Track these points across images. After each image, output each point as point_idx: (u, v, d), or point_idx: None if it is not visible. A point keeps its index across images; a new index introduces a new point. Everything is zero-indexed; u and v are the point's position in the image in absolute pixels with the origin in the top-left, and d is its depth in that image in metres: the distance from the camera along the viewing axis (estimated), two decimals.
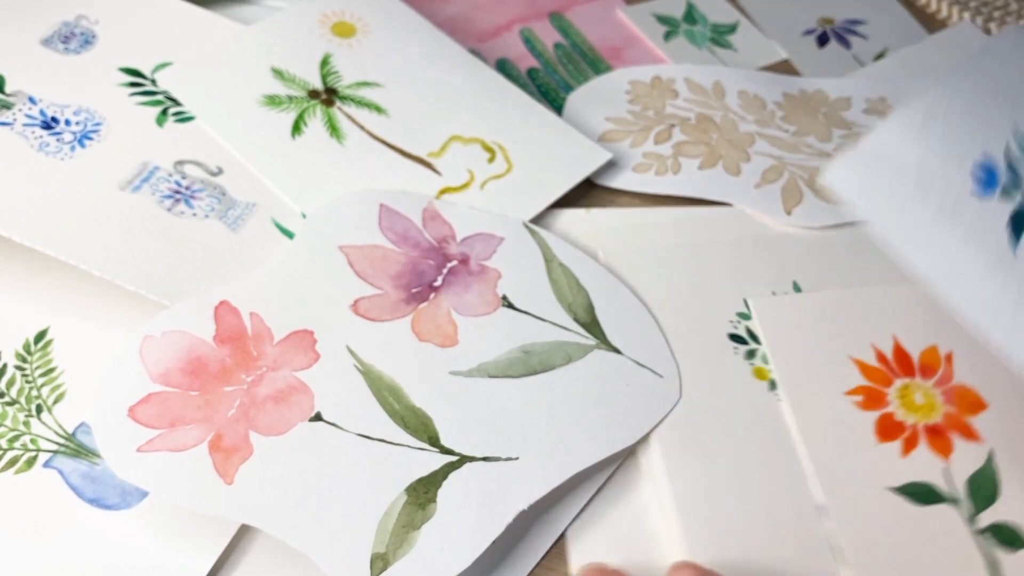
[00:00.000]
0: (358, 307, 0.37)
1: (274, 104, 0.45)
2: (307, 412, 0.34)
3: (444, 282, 0.39)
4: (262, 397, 0.34)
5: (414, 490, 0.33)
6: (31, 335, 0.37)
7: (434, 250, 0.40)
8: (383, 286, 0.38)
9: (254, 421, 0.33)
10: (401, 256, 0.39)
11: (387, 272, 0.39)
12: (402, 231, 0.40)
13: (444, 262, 0.40)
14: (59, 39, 0.46)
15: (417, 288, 0.39)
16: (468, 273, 0.40)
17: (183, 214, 0.40)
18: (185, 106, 0.44)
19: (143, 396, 0.33)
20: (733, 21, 0.59)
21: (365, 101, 0.46)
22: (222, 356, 0.35)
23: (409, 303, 0.38)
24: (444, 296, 0.39)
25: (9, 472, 0.33)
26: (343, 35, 0.49)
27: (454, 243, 0.41)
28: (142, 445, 0.32)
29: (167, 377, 0.34)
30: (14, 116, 0.42)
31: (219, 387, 0.34)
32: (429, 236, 0.41)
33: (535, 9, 0.58)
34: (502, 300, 0.39)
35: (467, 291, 0.39)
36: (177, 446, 0.32)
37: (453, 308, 0.38)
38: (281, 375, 0.35)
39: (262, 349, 0.35)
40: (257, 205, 0.41)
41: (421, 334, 0.37)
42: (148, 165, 0.41)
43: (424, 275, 0.39)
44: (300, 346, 0.36)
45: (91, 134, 0.42)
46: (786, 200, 0.47)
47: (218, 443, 0.32)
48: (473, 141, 0.46)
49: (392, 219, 0.41)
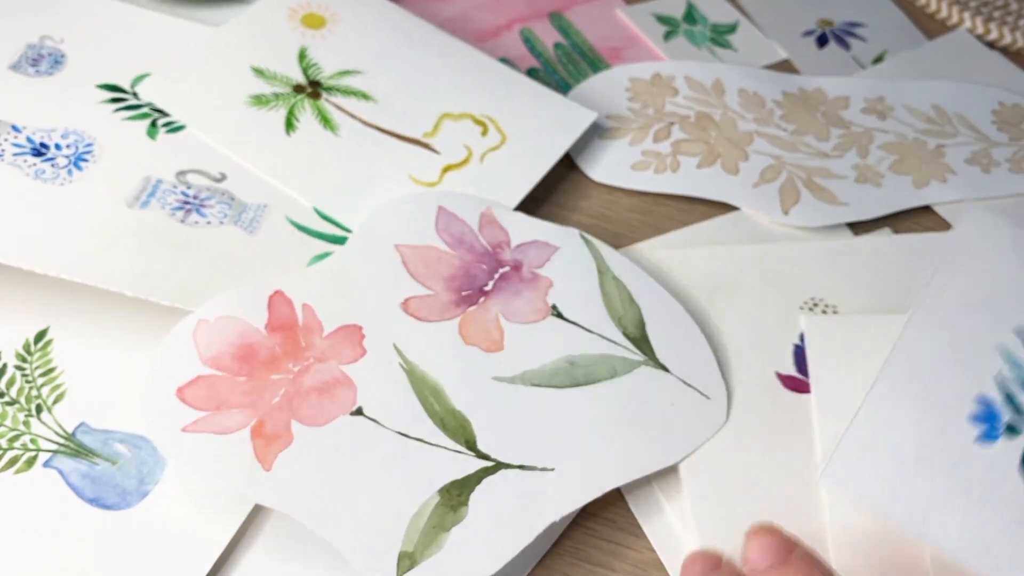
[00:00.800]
0: (408, 306, 0.38)
1: (262, 103, 0.45)
2: (349, 406, 0.34)
3: (495, 287, 0.39)
4: (307, 387, 0.34)
5: (447, 492, 0.33)
6: (31, 335, 0.37)
7: (488, 255, 0.40)
8: (434, 287, 0.39)
9: (297, 410, 0.34)
10: (455, 259, 0.40)
11: (439, 274, 0.39)
12: (458, 234, 0.41)
13: (496, 267, 0.40)
14: (28, 63, 0.45)
15: (468, 291, 0.39)
16: (519, 280, 0.39)
17: (197, 224, 0.40)
18: (173, 116, 0.44)
19: (192, 378, 0.34)
20: (733, 21, 0.59)
21: (351, 90, 0.46)
22: (272, 344, 0.35)
23: (458, 305, 0.38)
24: (494, 301, 0.39)
25: (9, 472, 0.33)
26: (314, 27, 0.49)
27: (508, 249, 0.40)
28: (187, 425, 0.33)
29: (217, 360, 0.35)
30: (1, 147, 0.41)
31: (266, 374, 0.35)
32: (484, 241, 0.41)
33: (535, 9, 0.58)
34: (551, 309, 0.39)
35: (517, 297, 0.39)
36: (221, 429, 0.33)
37: (502, 313, 0.38)
38: (327, 367, 0.35)
39: (311, 340, 0.36)
40: (268, 205, 0.41)
41: (468, 337, 0.37)
42: (151, 179, 0.41)
43: (476, 279, 0.39)
44: (348, 340, 0.36)
45: (85, 156, 0.41)
46: (784, 199, 0.47)
47: (260, 429, 0.33)
48: (463, 117, 0.46)
49: (449, 221, 0.41)
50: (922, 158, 0.50)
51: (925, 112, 0.53)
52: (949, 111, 0.53)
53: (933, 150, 0.51)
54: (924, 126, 0.52)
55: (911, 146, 0.51)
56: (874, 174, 0.49)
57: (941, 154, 0.51)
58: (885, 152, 0.50)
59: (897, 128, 0.52)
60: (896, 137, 0.51)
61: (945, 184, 0.49)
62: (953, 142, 0.51)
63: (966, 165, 0.50)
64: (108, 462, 0.34)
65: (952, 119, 0.53)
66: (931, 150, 0.51)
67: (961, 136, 0.52)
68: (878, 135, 0.51)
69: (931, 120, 0.53)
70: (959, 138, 0.52)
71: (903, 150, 0.51)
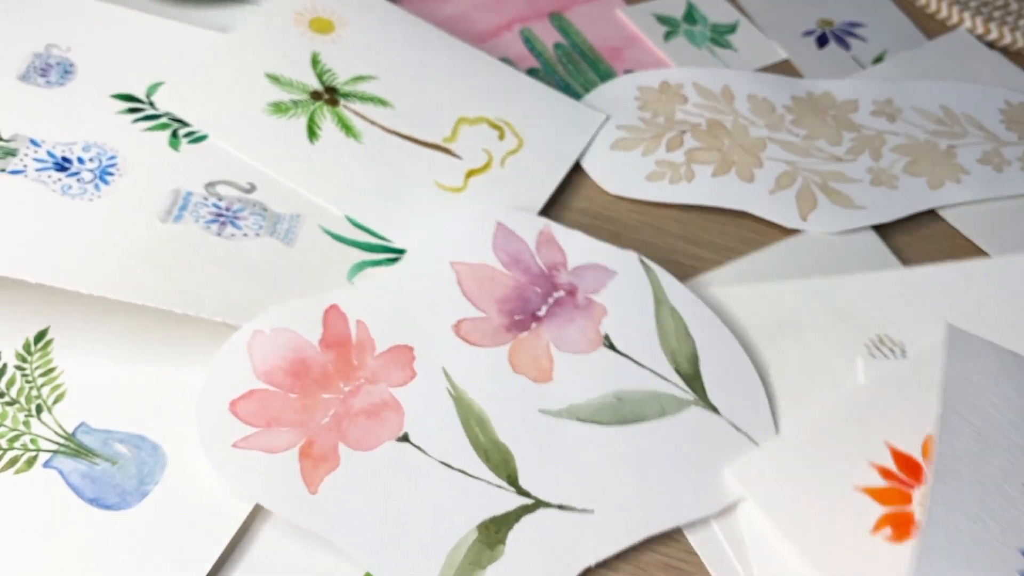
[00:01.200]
0: (460, 328, 0.38)
1: (281, 111, 0.45)
2: (396, 431, 0.35)
3: (548, 312, 0.39)
4: (356, 409, 0.35)
5: (485, 528, 0.33)
6: (31, 335, 0.36)
7: (543, 277, 0.40)
8: (487, 309, 0.38)
9: (345, 433, 0.34)
10: (509, 280, 0.39)
11: (493, 295, 0.39)
12: (515, 253, 0.40)
13: (551, 291, 0.39)
14: (36, 72, 0.44)
15: (520, 316, 0.38)
16: (574, 306, 0.39)
17: (233, 236, 0.39)
18: (194, 125, 0.43)
19: (246, 391, 0.35)
20: (733, 21, 0.59)
21: (368, 96, 0.46)
22: (325, 361, 0.36)
23: (510, 330, 0.38)
24: (546, 328, 0.38)
25: (9, 472, 0.33)
26: (323, 31, 0.49)
27: (564, 271, 0.40)
28: (238, 441, 0.34)
29: (271, 375, 0.35)
30: (23, 163, 0.40)
31: (318, 393, 0.35)
32: (540, 261, 0.40)
33: (535, 9, 0.57)
34: (604, 339, 0.38)
35: (570, 325, 0.38)
36: (270, 447, 0.34)
37: (553, 342, 0.38)
38: (377, 389, 0.36)
39: (363, 359, 0.36)
40: (302, 216, 0.41)
41: (517, 365, 0.37)
42: (180, 192, 0.41)
43: (529, 302, 0.39)
44: (399, 361, 0.36)
45: (110, 169, 0.41)
46: (801, 206, 0.47)
47: (308, 450, 0.34)
48: (479, 121, 0.47)
49: (507, 239, 0.41)
50: (935, 159, 0.50)
51: (934, 113, 0.53)
52: (957, 111, 0.53)
53: (945, 151, 0.51)
54: (934, 127, 0.52)
55: (923, 147, 0.51)
56: (889, 176, 0.49)
57: (953, 155, 0.51)
58: (898, 154, 0.50)
59: (907, 130, 0.52)
60: (907, 139, 0.51)
61: (960, 185, 0.49)
62: (963, 142, 0.51)
63: (978, 165, 0.50)
64: (108, 462, 0.34)
65: (961, 119, 0.53)
66: (943, 151, 0.51)
67: (971, 136, 0.52)
68: (889, 137, 0.51)
69: (940, 121, 0.52)
70: (969, 138, 0.52)
71: (915, 152, 0.50)
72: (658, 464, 0.35)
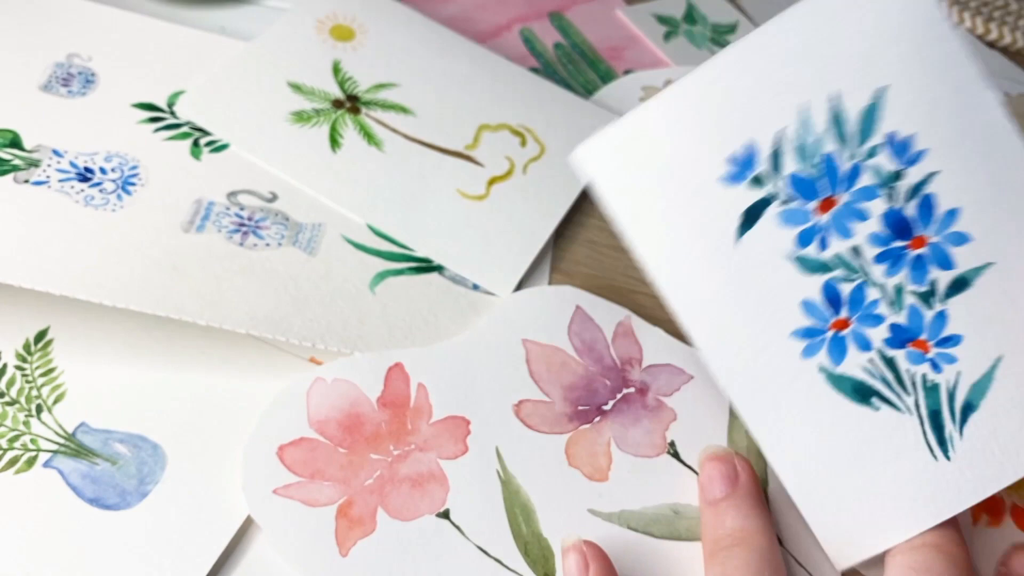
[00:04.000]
0: (520, 410, 0.37)
1: (303, 120, 0.45)
2: (438, 505, 0.34)
3: (614, 408, 0.37)
4: (402, 476, 0.34)
5: None
6: (31, 335, 0.36)
7: (615, 370, 0.38)
8: (552, 394, 0.37)
9: (386, 498, 0.33)
10: (580, 368, 0.38)
11: (561, 381, 0.38)
12: (590, 341, 0.39)
13: (621, 386, 0.38)
14: (58, 83, 0.44)
15: (585, 407, 0.37)
16: (643, 406, 0.37)
17: (256, 246, 0.39)
18: (216, 134, 0.43)
19: (296, 438, 0.34)
20: (733, 21, 0.58)
21: (389, 104, 0.46)
22: (379, 420, 0.35)
23: (572, 420, 0.37)
24: (609, 424, 0.37)
25: (9, 472, 0.33)
26: (344, 39, 0.49)
27: (638, 368, 0.38)
28: (279, 488, 0.33)
29: (323, 425, 0.35)
30: (46, 173, 0.40)
31: (366, 451, 0.34)
32: (615, 353, 0.39)
33: (535, 9, 0.57)
34: (669, 447, 0.36)
35: (635, 425, 0.37)
36: (310, 500, 0.33)
37: (614, 439, 0.36)
38: (427, 458, 0.35)
39: (417, 424, 0.35)
40: (323, 225, 0.41)
41: (572, 458, 0.36)
42: (202, 202, 0.41)
43: (596, 394, 0.37)
44: (454, 433, 0.35)
45: (132, 179, 0.41)
46: None
47: (347, 510, 0.33)
48: (501, 127, 0.46)
49: (584, 325, 0.39)
50: None
51: None
52: None
53: None
54: None
55: None
56: None
57: None
58: None
59: None
60: None
61: None
62: None
63: None
64: (108, 462, 0.34)
65: None
66: None
67: None
68: None
69: None
70: None
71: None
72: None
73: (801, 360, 0.32)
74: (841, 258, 0.32)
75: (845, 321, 0.32)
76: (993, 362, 0.32)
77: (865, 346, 0.32)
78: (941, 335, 0.32)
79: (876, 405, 0.32)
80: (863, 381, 0.32)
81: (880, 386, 0.32)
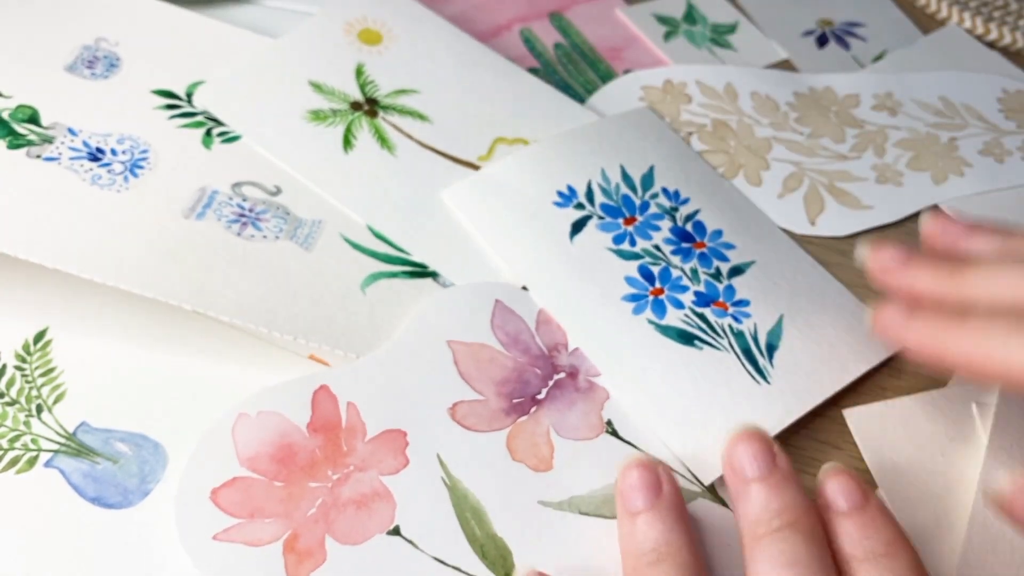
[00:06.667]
0: (456, 412, 0.36)
1: (320, 119, 0.45)
2: (386, 523, 0.33)
3: (548, 396, 0.37)
4: (344, 499, 0.33)
5: None
6: (31, 335, 0.37)
7: (543, 358, 0.38)
8: (485, 392, 0.37)
9: (332, 525, 0.32)
10: (508, 360, 0.38)
11: (491, 376, 0.37)
12: (514, 332, 0.39)
13: (551, 373, 0.38)
14: (84, 64, 0.45)
15: (519, 399, 0.37)
16: (575, 389, 0.37)
17: (253, 237, 0.39)
18: (230, 126, 0.44)
19: (228, 479, 0.33)
20: (733, 21, 0.59)
21: (407, 109, 0.46)
22: (312, 447, 0.34)
23: (508, 415, 0.36)
24: (546, 412, 0.37)
25: (10, 472, 0.33)
26: (371, 43, 0.49)
27: (565, 352, 0.39)
28: (218, 533, 0.31)
29: (255, 462, 0.33)
30: (58, 150, 0.41)
31: (304, 481, 0.33)
32: (540, 341, 0.39)
33: (535, 9, 0.57)
34: (606, 426, 0.37)
35: (571, 409, 0.37)
36: (253, 540, 0.32)
37: (553, 427, 0.36)
38: (367, 477, 0.34)
39: (353, 445, 0.34)
40: (323, 222, 0.41)
41: (515, 452, 0.35)
42: (206, 190, 0.41)
43: (529, 385, 0.37)
44: (391, 447, 0.35)
45: (140, 162, 0.41)
46: (809, 209, 0.47)
47: (293, 544, 0.32)
48: (517, 142, 0.46)
49: (505, 318, 0.39)
50: (937, 153, 0.51)
51: (933, 105, 0.54)
52: (956, 102, 0.54)
53: (946, 144, 0.51)
54: (934, 119, 0.53)
55: (925, 141, 0.51)
56: (894, 173, 0.49)
57: (954, 147, 0.51)
58: (901, 149, 0.51)
59: (909, 123, 0.52)
60: (909, 133, 0.51)
61: (963, 178, 0.50)
62: (964, 134, 0.52)
63: (980, 156, 0.51)
64: (109, 461, 0.34)
65: (960, 110, 0.53)
66: (944, 144, 0.51)
67: (971, 127, 0.53)
68: (892, 132, 0.51)
69: (940, 113, 0.53)
70: (969, 129, 0.52)
71: (918, 146, 0.51)
72: None
73: (632, 316, 0.39)
74: (647, 251, 0.42)
75: (660, 290, 0.40)
76: (779, 317, 0.40)
77: (679, 306, 0.40)
78: (734, 299, 0.41)
79: (699, 346, 0.39)
80: (684, 329, 0.39)
81: (699, 332, 0.39)
